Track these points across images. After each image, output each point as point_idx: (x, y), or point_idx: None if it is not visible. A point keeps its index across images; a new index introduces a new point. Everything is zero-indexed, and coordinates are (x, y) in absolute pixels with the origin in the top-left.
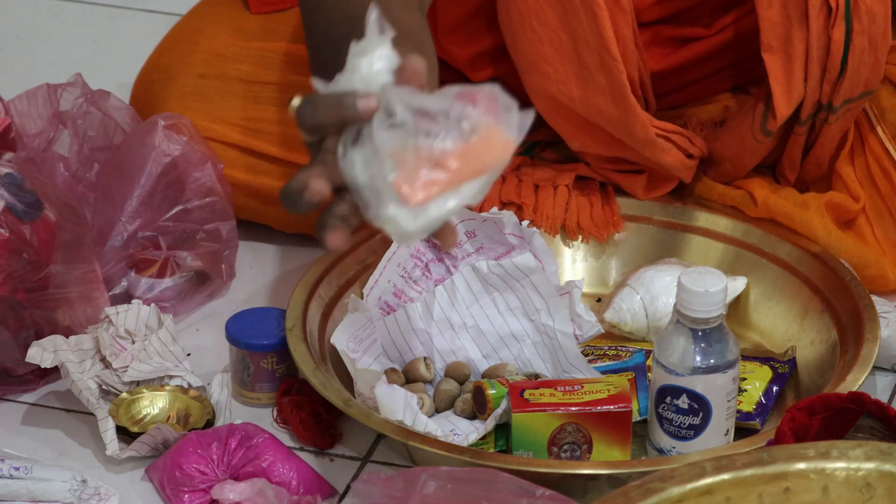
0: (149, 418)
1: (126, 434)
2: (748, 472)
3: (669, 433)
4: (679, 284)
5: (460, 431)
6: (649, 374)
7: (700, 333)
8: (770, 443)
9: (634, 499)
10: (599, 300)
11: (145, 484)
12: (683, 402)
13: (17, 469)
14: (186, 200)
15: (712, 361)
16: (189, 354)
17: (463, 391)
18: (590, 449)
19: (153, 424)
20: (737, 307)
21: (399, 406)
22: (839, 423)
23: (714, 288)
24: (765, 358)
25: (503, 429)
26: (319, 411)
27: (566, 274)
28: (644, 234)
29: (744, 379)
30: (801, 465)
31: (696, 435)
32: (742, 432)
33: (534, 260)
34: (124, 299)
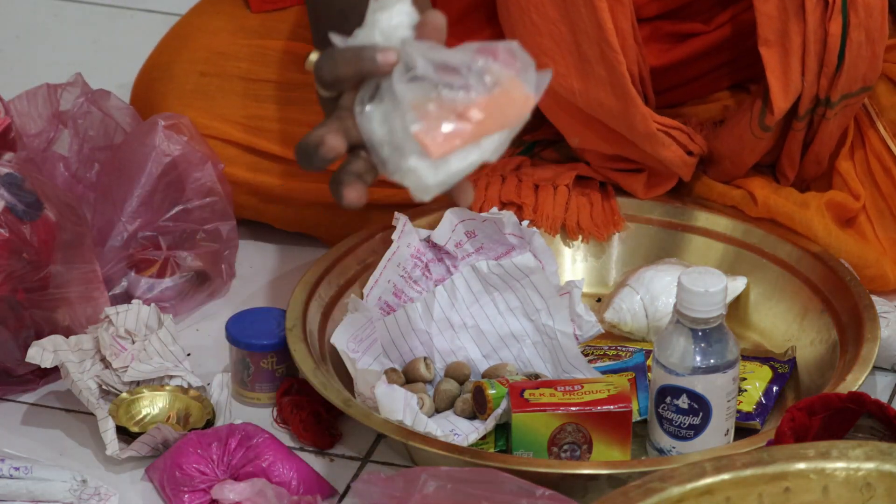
0: (149, 418)
1: (126, 434)
2: (748, 472)
3: (669, 433)
4: (679, 284)
5: (460, 431)
6: (649, 374)
7: (700, 333)
8: (770, 443)
9: (634, 499)
10: (599, 300)
11: (145, 484)
12: (683, 402)
13: (17, 469)
14: (186, 200)
15: (712, 361)
16: (189, 354)
17: (463, 391)
18: (590, 449)
19: (153, 424)
20: (737, 307)
21: (399, 406)
22: (839, 423)
23: (714, 288)
24: (765, 358)
25: (503, 429)
26: (319, 411)
27: (566, 274)
28: (644, 234)
29: (744, 379)
30: (801, 465)
31: (696, 435)
32: (742, 432)
33: (534, 260)
34: (124, 299)
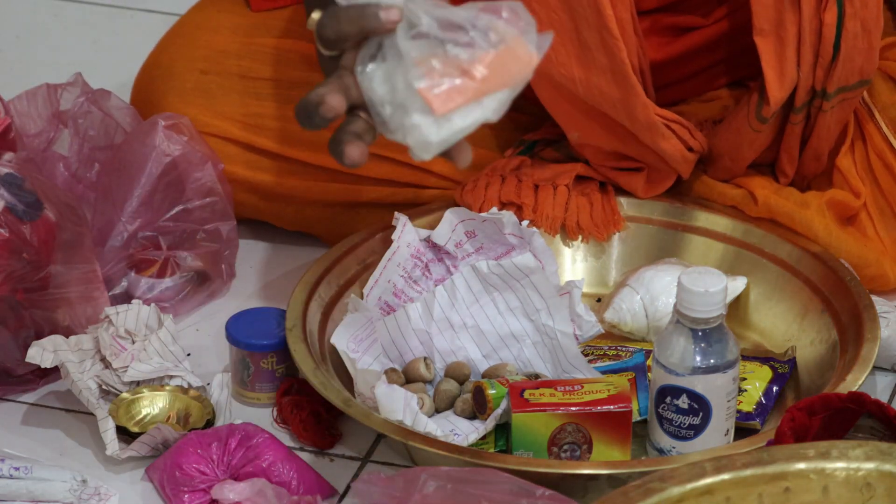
0: (149, 418)
1: (126, 434)
2: (748, 472)
3: (669, 433)
4: (679, 284)
5: (460, 431)
6: (649, 374)
7: (700, 333)
8: (770, 443)
9: (634, 499)
10: (599, 300)
11: (145, 484)
12: (683, 402)
13: (17, 469)
14: (187, 200)
15: (712, 361)
16: (189, 354)
17: (463, 391)
18: (590, 449)
19: (153, 424)
20: (737, 307)
21: (399, 406)
22: (839, 423)
23: (714, 288)
24: (765, 358)
25: (503, 429)
26: (319, 411)
27: (566, 274)
28: (644, 234)
29: (744, 379)
30: (801, 465)
31: (696, 435)
32: (742, 432)
33: (534, 260)
34: (124, 299)
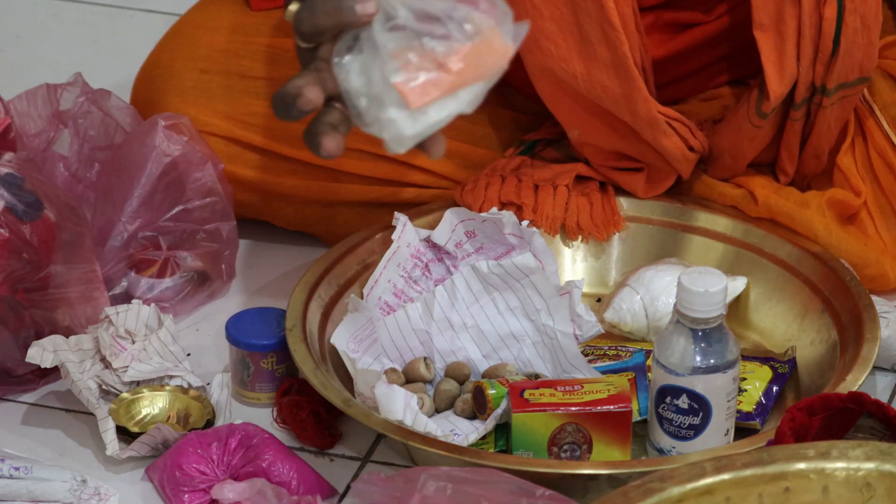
0: (149, 418)
1: (126, 434)
2: (748, 472)
3: (669, 433)
4: (679, 284)
5: (460, 431)
6: (649, 374)
7: (700, 333)
8: (770, 443)
9: (634, 499)
10: (599, 300)
11: (145, 484)
12: (683, 402)
13: (17, 469)
14: (187, 200)
15: (712, 361)
16: (189, 354)
17: (463, 391)
18: (590, 449)
19: (153, 424)
20: (737, 307)
21: (399, 406)
22: (839, 423)
23: (714, 288)
24: (765, 358)
25: (503, 429)
26: (319, 411)
27: (566, 274)
28: (644, 234)
29: (744, 379)
30: (801, 465)
31: (696, 435)
32: (742, 432)
33: (534, 260)
34: (124, 299)
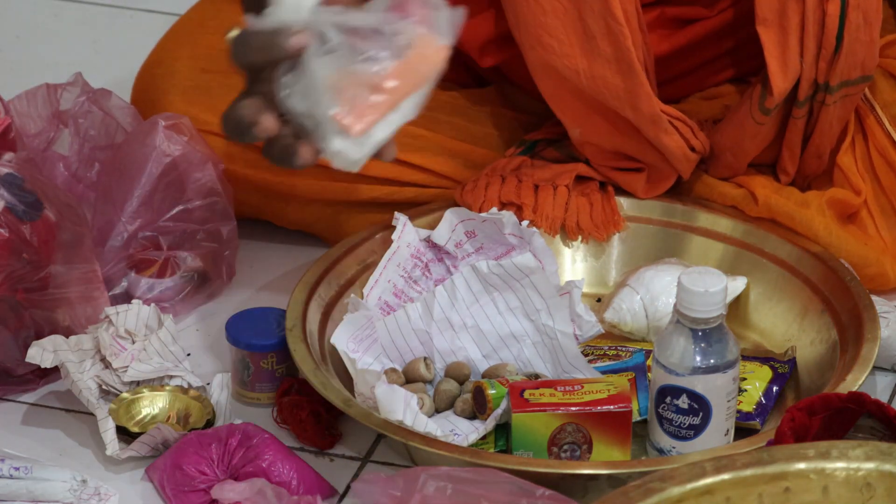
0: (149, 418)
1: (126, 434)
2: (748, 472)
3: (669, 433)
4: (679, 284)
5: (460, 431)
6: (649, 374)
7: (700, 333)
8: (770, 443)
9: (634, 499)
10: (599, 300)
11: (145, 484)
12: (683, 402)
13: (17, 469)
14: (187, 200)
15: (712, 361)
16: (189, 354)
17: (463, 391)
18: (590, 449)
19: (153, 424)
20: (737, 307)
21: (399, 406)
22: (839, 423)
23: (714, 288)
24: (765, 358)
25: (503, 429)
26: (319, 411)
27: (566, 274)
28: (644, 234)
29: (744, 379)
30: (801, 465)
31: (696, 435)
32: (742, 432)
33: (534, 260)
34: (124, 299)
